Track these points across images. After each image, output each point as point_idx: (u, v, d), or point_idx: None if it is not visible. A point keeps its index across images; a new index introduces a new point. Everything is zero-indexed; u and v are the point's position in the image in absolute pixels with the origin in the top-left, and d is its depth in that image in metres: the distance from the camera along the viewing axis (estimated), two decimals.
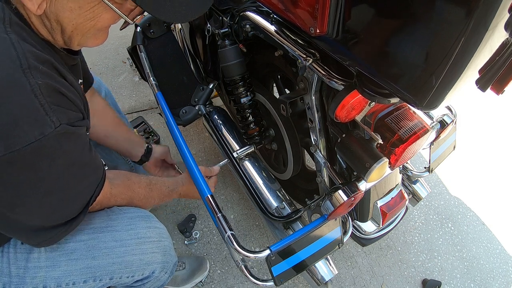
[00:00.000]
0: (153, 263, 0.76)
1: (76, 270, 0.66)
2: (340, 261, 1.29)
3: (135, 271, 0.73)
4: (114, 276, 0.71)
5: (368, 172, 0.67)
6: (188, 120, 1.21)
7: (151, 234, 0.75)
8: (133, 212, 0.76)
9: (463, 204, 1.52)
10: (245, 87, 1.01)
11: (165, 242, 0.79)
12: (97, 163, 0.63)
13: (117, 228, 0.71)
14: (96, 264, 0.68)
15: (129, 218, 0.74)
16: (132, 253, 0.71)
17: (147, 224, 0.75)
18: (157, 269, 0.78)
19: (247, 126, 1.08)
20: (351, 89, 0.62)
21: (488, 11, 0.36)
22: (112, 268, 0.69)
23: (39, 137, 0.46)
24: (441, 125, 0.97)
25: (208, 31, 1.07)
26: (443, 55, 0.42)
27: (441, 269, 1.29)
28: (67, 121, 0.50)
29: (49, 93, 0.48)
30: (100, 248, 0.68)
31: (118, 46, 2.71)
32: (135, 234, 0.72)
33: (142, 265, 0.73)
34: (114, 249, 0.69)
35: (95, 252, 0.68)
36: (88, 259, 0.67)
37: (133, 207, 0.79)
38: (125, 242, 0.70)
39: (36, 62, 0.48)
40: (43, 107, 0.46)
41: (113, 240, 0.70)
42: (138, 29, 1.20)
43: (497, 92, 0.47)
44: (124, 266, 0.71)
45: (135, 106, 2.04)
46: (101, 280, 0.70)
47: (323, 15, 0.57)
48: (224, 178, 1.59)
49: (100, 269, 0.68)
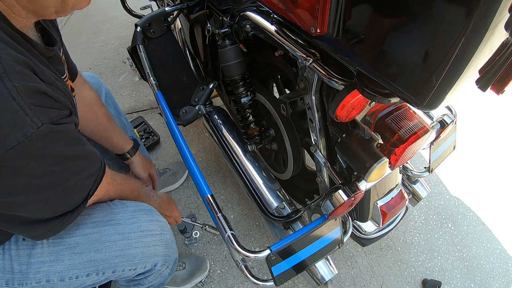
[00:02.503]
0: (155, 256, 0.76)
1: (79, 264, 0.67)
2: (340, 261, 1.29)
3: (138, 263, 0.74)
4: (116, 269, 0.71)
5: (368, 172, 0.67)
6: (188, 120, 1.21)
7: (153, 227, 0.75)
8: (135, 205, 0.77)
9: (463, 204, 1.52)
10: (245, 87, 1.01)
11: (167, 235, 0.79)
12: (92, 156, 0.63)
13: (119, 222, 0.71)
14: (99, 257, 0.68)
15: (132, 211, 0.74)
16: (135, 246, 0.72)
17: (149, 218, 0.76)
18: (159, 262, 0.78)
19: (247, 126, 1.08)
20: (351, 89, 0.62)
21: (488, 11, 0.36)
22: (114, 261, 0.70)
23: (22, 139, 0.46)
24: (441, 125, 0.97)
25: (208, 31, 1.07)
26: (443, 55, 0.42)
27: (441, 269, 1.29)
28: (49, 120, 0.49)
29: (28, 95, 0.47)
30: (103, 242, 0.69)
31: (118, 46, 2.71)
32: (137, 227, 0.73)
33: (144, 258, 0.74)
34: (116, 242, 0.70)
35: (98, 246, 0.68)
36: (91, 253, 0.68)
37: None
38: (127, 235, 0.71)
39: (12, 65, 0.47)
40: (22, 108, 0.46)
41: (115, 233, 0.70)
42: (138, 29, 1.20)
43: (497, 92, 0.47)
44: (126, 259, 0.71)
45: (135, 106, 2.04)
46: (104, 274, 0.70)
47: (323, 15, 0.57)
48: (224, 178, 1.59)
49: (103, 263, 0.69)
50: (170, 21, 1.29)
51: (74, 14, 3.42)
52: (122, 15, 2.75)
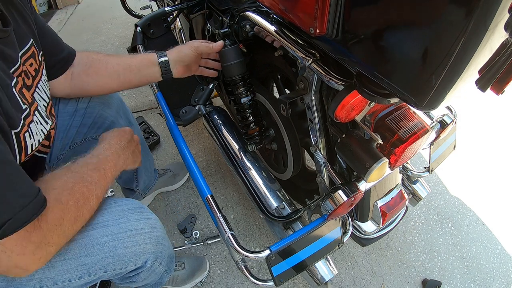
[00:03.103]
0: (145, 254, 0.76)
1: (71, 269, 0.67)
2: (340, 261, 1.29)
3: (128, 262, 0.73)
4: (108, 269, 0.71)
5: (368, 172, 0.67)
6: (188, 120, 1.21)
7: (142, 225, 0.74)
8: (124, 204, 0.75)
9: (463, 204, 1.52)
10: (245, 87, 1.01)
11: (157, 232, 0.78)
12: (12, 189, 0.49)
13: (108, 223, 0.70)
14: (90, 260, 0.68)
15: (121, 211, 0.73)
16: (124, 245, 0.71)
17: (138, 216, 0.75)
18: (149, 259, 0.78)
19: (247, 126, 1.08)
20: (351, 89, 0.62)
21: (488, 11, 0.36)
22: (105, 262, 0.70)
23: None
24: (441, 125, 0.97)
25: (208, 31, 1.07)
26: (443, 55, 0.42)
27: (441, 269, 1.29)
28: None
29: None
30: (93, 245, 0.68)
31: (118, 46, 2.71)
32: (126, 227, 0.72)
33: (134, 257, 0.73)
34: (106, 244, 0.69)
35: (88, 250, 0.68)
36: (82, 257, 0.67)
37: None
38: (116, 236, 0.70)
39: None
40: None
41: (105, 235, 0.69)
42: (138, 29, 1.20)
43: (497, 92, 0.47)
44: (117, 259, 0.71)
45: (135, 106, 2.04)
46: (95, 275, 0.70)
47: (322, 15, 0.57)
48: (224, 178, 1.59)
49: (94, 265, 0.69)
50: (170, 21, 1.30)
51: (74, 14, 3.43)
52: (122, 15, 2.75)
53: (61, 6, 3.57)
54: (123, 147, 0.80)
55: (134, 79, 0.95)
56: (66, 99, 0.95)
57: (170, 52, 0.95)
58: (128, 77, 0.93)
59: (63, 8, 3.58)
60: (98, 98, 1.00)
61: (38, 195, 0.53)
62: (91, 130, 1.01)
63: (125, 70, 0.92)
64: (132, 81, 0.95)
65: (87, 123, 0.99)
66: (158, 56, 0.94)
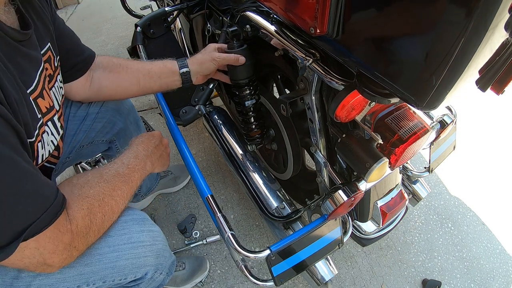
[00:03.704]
0: (145, 266, 0.75)
1: (70, 277, 0.66)
2: (340, 261, 1.29)
3: (127, 274, 0.73)
4: (107, 280, 0.70)
5: (368, 172, 0.67)
6: (188, 120, 1.21)
7: (144, 238, 0.73)
8: (127, 215, 0.74)
9: (463, 204, 1.52)
10: (251, 90, 0.99)
11: (158, 245, 0.77)
12: (32, 190, 0.50)
13: (110, 234, 0.69)
14: (89, 270, 0.67)
15: (123, 222, 0.72)
16: (125, 257, 0.70)
17: (140, 228, 0.74)
18: (149, 271, 0.77)
19: (250, 128, 1.08)
20: (351, 89, 0.62)
21: (488, 11, 0.36)
22: (105, 272, 0.69)
23: None
24: (441, 125, 0.97)
25: (208, 31, 1.07)
26: (443, 55, 0.42)
27: (441, 269, 1.29)
28: None
29: None
30: (93, 255, 0.67)
31: (118, 46, 2.71)
32: (128, 239, 0.71)
33: (134, 269, 0.73)
34: (106, 255, 0.68)
35: (88, 259, 0.67)
36: (81, 266, 0.66)
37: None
38: (117, 247, 0.69)
39: None
40: None
41: (105, 246, 0.68)
42: (138, 29, 1.20)
43: (497, 92, 0.47)
44: (116, 270, 0.70)
45: (135, 106, 2.02)
46: (94, 284, 0.69)
47: (323, 15, 0.57)
48: (224, 178, 1.59)
49: (93, 275, 0.68)
50: (170, 21, 1.30)
51: (74, 14, 3.42)
52: (122, 15, 2.75)
53: (61, 6, 3.57)
54: (149, 153, 0.79)
55: (154, 86, 0.95)
56: (79, 103, 0.94)
57: (192, 63, 0.94)
58: (148, 83, 0.93)
59: (63, 8, 3.57)
60: (111, 104, 1.00)
61: (57, 195, 0.55)
62: (99, 135, 1.01)
63: (145, 76, 0.92)
64: (153, 88, 0.95)
65: (96, 127, 0.98)
66: (179, 65, 0.93)
